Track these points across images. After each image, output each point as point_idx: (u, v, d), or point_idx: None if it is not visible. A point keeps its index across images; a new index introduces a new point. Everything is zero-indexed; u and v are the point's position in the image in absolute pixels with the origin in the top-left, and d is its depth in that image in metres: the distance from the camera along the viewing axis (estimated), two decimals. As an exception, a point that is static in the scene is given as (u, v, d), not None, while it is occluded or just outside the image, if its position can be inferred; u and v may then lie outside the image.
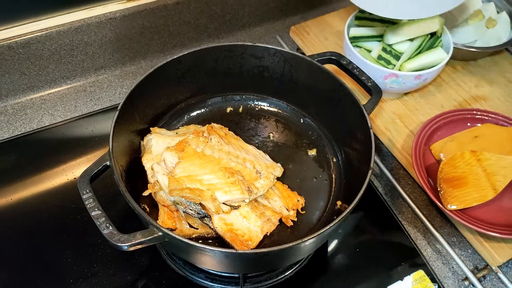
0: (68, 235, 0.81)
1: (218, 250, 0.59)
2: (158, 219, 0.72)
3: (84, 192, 0.63)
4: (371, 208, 0.86)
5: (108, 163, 0.67)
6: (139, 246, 0.61)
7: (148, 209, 0.75)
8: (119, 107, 0.72)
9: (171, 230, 0.67)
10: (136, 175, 0.76)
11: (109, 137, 0.68)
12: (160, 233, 0.60)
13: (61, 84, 1.03)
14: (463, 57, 1.06)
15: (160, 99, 0.84)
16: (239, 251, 0.60)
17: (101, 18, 0.96)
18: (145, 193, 0.72)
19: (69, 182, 0.87)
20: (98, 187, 0.69)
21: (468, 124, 0.92)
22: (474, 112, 0.93)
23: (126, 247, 0.60)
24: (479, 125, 0.92)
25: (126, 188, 0.64)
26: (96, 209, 0.61)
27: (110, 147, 0.67)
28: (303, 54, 1.08)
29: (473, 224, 0.78)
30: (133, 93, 0.75)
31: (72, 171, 0.89)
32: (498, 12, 1.09)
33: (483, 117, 0.93)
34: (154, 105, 0.83)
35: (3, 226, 0.81)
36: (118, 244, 0.59)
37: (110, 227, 0.60)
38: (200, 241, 0.71)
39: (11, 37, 0.91)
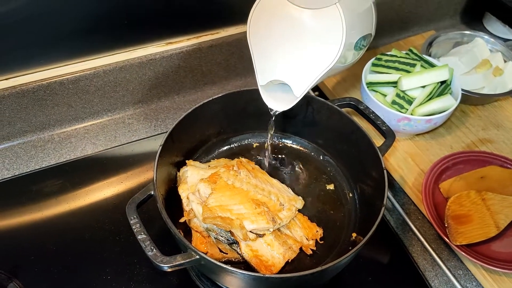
0: (108, 254, 0.88)
1: (248, 274, 0.67)
2: (191, 244, 0.80)
3: (132, 217, 0.71)
4: (383, 240, 0.93)
5: (152, 192, 0.75)
6: (178, 268, 0.69)
7: (182, 234, 0.83)
8: (161, 143, 0.81)
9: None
10: (172, 202, 0.85)
11: (154, 170, 0.77)
12: (197, 256, 0.68)
13: (103, 116, 1.13)
14: (472, 102, 1.14)
15: (195, 135, 0.93)
16: (266, 275, 0.67)
17: (143, 59, 1.06)
18: (182, 220, 0.81)
19: (109, 206, 0.95)
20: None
21: (475, 165, 0.99)
22: (481, 154, 1.00)
23: (167, 268, 0.67)
24: (485, 166, 0.98)
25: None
26: (142, 233, 0.70)
27: (154, 178, 0.76)
28: (323, 93, 1.19)
29: (477, 258, 0.84)
30: (173, 131, 0.84)
31: (111, 196, 0.97)
32: (504, 61, 1.17)
33: (489, 159, 0.99)
34: (190, 140, 0.92)
35: (49, 243, 0.89)
36: (161, 264, 0.67)
37: (154, 250, 0.68)
38: (229, 265, 0.79)
39: (63, 74, 1.01)
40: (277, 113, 0.84)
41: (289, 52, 0.73)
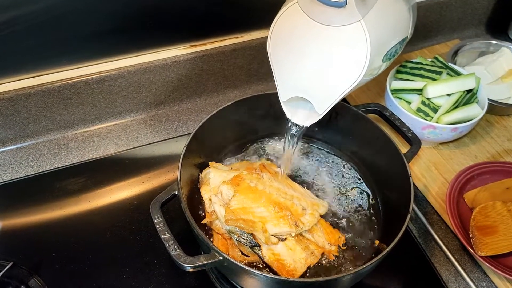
0: (127, 254, 0.88)
1: (271, 277, 0.66)
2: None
3: (156, 217, 0.71)
4: (405, 249, 0.91)
5: (176, 192, 0.76)
6: (200, 268, 0.69)
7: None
8: (186, 144, 0.81)
9: (226, 256, 0.75)
10: (193, 204, 0.85)
11: (178, 170, 0.77)
12: (221, 258, 0.67)
13: (126, 116, 1.14)
14: (497, 112, 1.13)
15: (219, 137, 0.93)
16: (290, 279, 0.67)
17: (167, 60, 1.07)
18: (204, 221, 0.81)
19: (130, 206, 0.96)
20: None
21: (501, 175, 0.97)
22: (507, 165, 0.99)
23: (189, 268, 0.67)
24: (511, 177, 0.97)
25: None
26: (166, 233, 0.69)
27: (179, 178, 0.76)
28: (345, 100, 1.18)
29: (502, 270, 0.82)
30: (197, 132, 0.84)
31: (132, 196, 0.97)
32: (531, 72, 1.16)
33: (515, 170, 0.98)
34: (213, 142, 0.92)
35: (70, 241, 0.90)
36: (184, 264, 0.66)
37: (178, 249, 0.68)
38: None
39: (88, 74, 1.02)
40: (300, 128, 0.82)
41: (310, 69, 0.71)
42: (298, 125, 0.81)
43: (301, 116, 0.81)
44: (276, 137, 1.02)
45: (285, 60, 0.73)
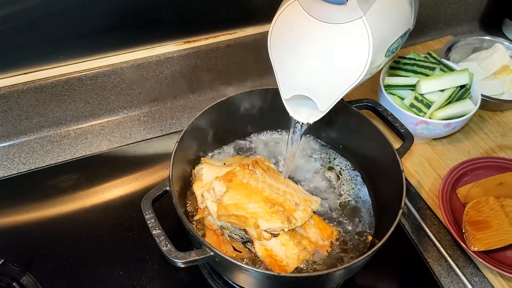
0: (120, 250, 0.88)
1: (262, 272, 0.66)
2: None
3: (147, 212, 0.71)
4: (398, 245, 0.91)
5: (167, 188, 0.75)
6: (191, 264, 0.68)
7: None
8: (178, 139, 0.81)
9: (218, 251, 0.75)
10: (185, 200, 0.85)
11: (170, 165, 0.76)
12: (212, 253, 0.67)
13: (119, 113, 1.13)
14: (490, 108, 1.13)
15: (211, 133, 0.93)
16: (281, 274, 0.67)
17: (161, 57, 1.07)
18: (196, 217, 0.81)
19: (123, 203, 0.96)
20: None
21: (494, 171, 0.97)
22: (500, 160, 0.99)
23: (180, 263, 0.67)
24: (504, 173, 0.97)
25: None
26: (157, 228, 0.69)
27: (170, 174, 0.76)
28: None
29: (494, 265, 0.83)
30: (190, 128, 0.84)
31: (125, 193, 0.97)
32: (525, 67, 1.16)
33: (508, 165, 0.98)
34: (206, 137, 0.92)
35: (63, 238, 0.89)
36: (175, 260, 0.66)
37: (169, 245, 0.68)
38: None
39: (81, 70, 1.02)
40: (303, 125, 0.81)
41: (312, 67, 0.69)
42: (301, 123, 0.81)
43: (303, 114, 0.80)
44: (270, 132, 1.01)
45: (286, 58, 0.72)
